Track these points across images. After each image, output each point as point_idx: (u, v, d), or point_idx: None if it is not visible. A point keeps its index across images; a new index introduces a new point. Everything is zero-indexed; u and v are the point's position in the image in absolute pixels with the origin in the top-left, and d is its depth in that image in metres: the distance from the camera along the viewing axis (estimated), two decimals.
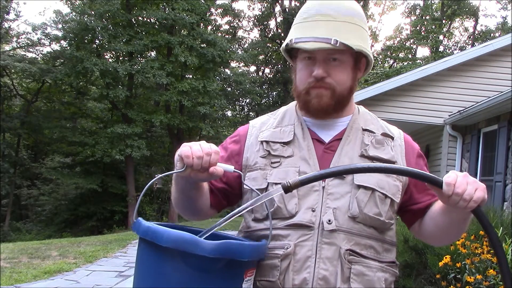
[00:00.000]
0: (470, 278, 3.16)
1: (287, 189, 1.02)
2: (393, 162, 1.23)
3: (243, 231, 1.28)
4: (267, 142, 1.26)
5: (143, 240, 1.05)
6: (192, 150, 1.07)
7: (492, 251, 3.12)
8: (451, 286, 3.43)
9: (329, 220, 1.15)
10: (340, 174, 1.06)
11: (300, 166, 1.21)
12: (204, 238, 1.03)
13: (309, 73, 1.21)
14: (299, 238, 1.16)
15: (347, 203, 1.17)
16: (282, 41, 18.12)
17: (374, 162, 1.21)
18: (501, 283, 2.87)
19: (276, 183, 1.19)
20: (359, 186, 1.18)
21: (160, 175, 1.20)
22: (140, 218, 1.07)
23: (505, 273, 1.01)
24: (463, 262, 3.42)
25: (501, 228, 3.01)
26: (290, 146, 1.24)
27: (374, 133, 1.27)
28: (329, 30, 1.15)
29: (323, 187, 1.18)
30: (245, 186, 1.23)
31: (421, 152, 1.34)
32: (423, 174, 1.04)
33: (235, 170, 1.15)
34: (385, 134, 1.28)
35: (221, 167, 1.10)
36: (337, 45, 1.14)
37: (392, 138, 1.28)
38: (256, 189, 1.21)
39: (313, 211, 1.17)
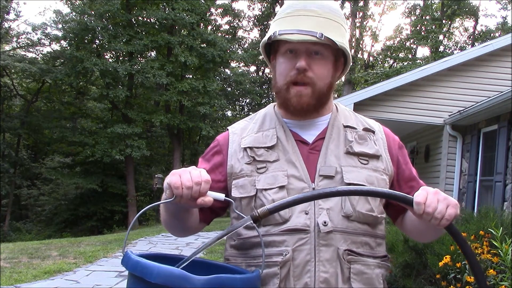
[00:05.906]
0: (470, 278, 3.15)
1: (256, 219, 1.03)
2: (378, 156, 1.24)
3: (234, 238, 1.25)
4: (250, 148, 1.24)
5: (132, 274, 1.01)
6: (182, 180, 1.04)
7: (492, 251, 3.13)
8: (451, 286, 3.42)
9: (325, 222, 1.15)
10: (308, 200, 1.06)
11: (288, 169, 1.20)
12: (187, 266, 1.01)
13: (291, 66, 1.20)
14: (296, 242, 1.15)
15: (340, 202, 1.17)
16: None
17: (360, 158, 1.22)
18: (501, 283, 2.87)
19: (265, 189, 1.18)
20: (349, 185, 1.17)
21: (150, 206, 1.13)
22: (129, 251, 1.03)
23: None
24: (463, 262, 3.41)
25: (501, 228, 2.99)
26: (275, 150, 1.23)
27: (356, 128, 1.28)
28: (314, 24, 1.17)
29: (313, 189, 1.17)
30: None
31: (401, 143, 1.35)
32: (394, 193, 1.05)
33: (226, 198, 1.13)
34: (366, 129, 1.29)
35: (211, 196, 1.08)
36: (322, 38, 1.15)
37: (373, 132, 1.29)
38: (245, 196, 1.20)
39: (307, 213, 1.16)
